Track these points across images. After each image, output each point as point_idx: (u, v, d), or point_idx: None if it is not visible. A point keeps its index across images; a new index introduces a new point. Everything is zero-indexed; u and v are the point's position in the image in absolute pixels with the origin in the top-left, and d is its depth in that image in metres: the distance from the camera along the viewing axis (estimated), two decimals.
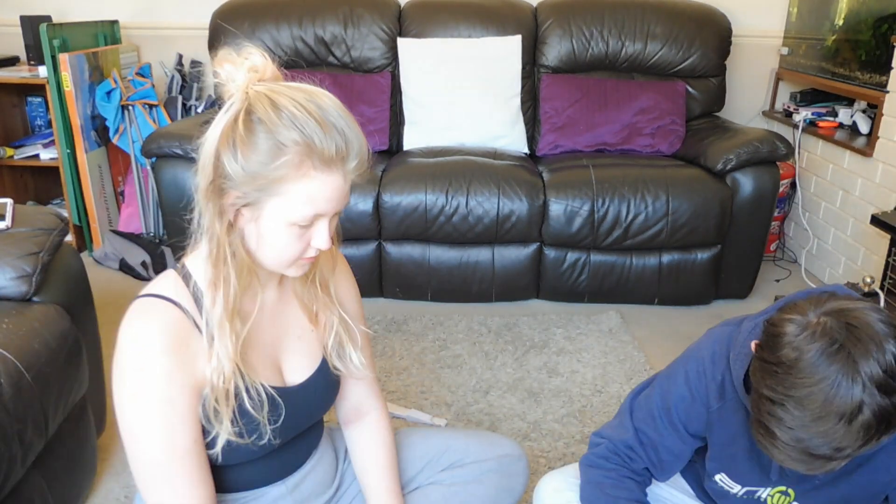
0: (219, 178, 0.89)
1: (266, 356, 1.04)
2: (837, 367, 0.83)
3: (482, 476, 1.22)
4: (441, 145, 2.93)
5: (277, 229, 0.90)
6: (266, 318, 1.04)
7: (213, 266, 0.93)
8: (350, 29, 3.07)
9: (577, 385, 2.16)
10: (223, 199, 0.90)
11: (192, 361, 0.92)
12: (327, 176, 0.88)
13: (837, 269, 2.88)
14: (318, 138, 0.86)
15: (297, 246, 0.92)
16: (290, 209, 0.89)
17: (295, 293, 1.09)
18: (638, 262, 2.64)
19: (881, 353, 0.83)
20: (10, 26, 3.22)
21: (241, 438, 0.96)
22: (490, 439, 1.29)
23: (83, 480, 1.59)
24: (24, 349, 1.31)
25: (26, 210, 1.62)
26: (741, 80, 3.35)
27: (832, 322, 0.86)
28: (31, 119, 3.35)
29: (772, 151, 2.57)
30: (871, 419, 0.83)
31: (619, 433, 1.19)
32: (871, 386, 0.82)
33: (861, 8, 2.77)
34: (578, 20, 3.07)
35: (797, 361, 0.86)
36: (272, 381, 1.02)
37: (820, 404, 0.84)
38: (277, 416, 1.00)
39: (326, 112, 0.87)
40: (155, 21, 3.37)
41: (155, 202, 3.06)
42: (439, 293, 2.71)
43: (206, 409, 0.93)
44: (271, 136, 0.85)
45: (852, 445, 0.85)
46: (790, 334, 0.87)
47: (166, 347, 0.90)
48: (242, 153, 0.86)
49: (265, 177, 0.86)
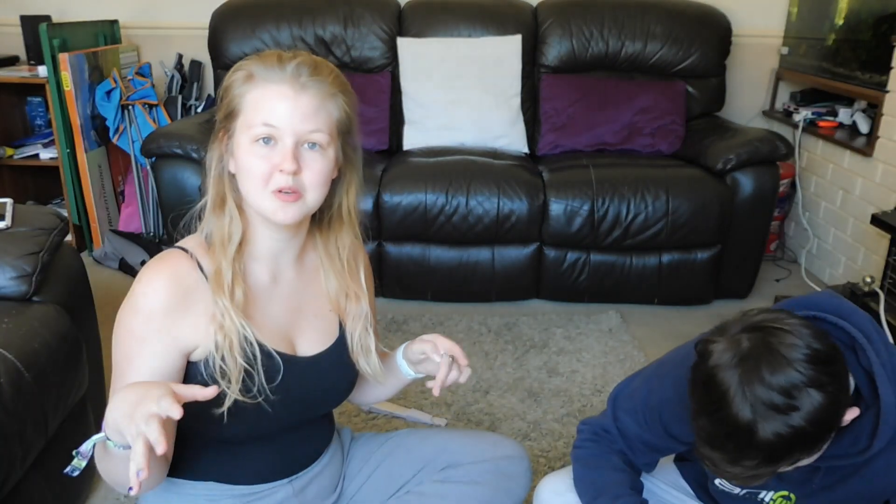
0: (216, 132, 1.02)
1: (277, 325, 1.06)
2: (735, 383, 0.86)
3: (479, 477, 1.20)
4: (441, 145, 2.93)
5: (244, 149, 0.97)
6: (282, 292, 1.08)
7: (212, 213, 1.02)
8: (350, 29, 3.07)
9: (577, 385, 2.16)
10: (218, 138, 1.02)
11: (184, 311, 0.97)
12: (273, 85, 0.96)
13: (837, 268, 2.88)
14: (270, 59, 0.97)
15: (262, 166, 0.96)
16: (249, 123, 0.96)
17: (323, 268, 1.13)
18: (638, 262, 2.64)
19: (780, 374, 0.84)
20: (10, 26, 3.22)
21: (245, 397, 0.97)
22: (490, 440, 1.28)
23: (83, 480, 1.59)
24: (24, 349, 1.31)
25: (26, 210, 1.62)
26: (741, 79, 3.35)
27: (749, 337, 0.88)
28: (30, 119, 3.35)
29: (772, 151, 2.57)
30: (767, 438, 0.84)
31: (599, 419, 1.22)
32: (760, 406, 0.84)
33: (861, 8, 2.77)
34: (578, 20, 3.06)
35: (710, 377, 0.89)
36: (280, 347, 1.04)
37: (720, 420, 0.87)
38: (275, 374, 1.02)
39: (284, 51, 1.00)
40: (155, 21, 3.37)
41: (155, 202, 3.06)
42: (439, 293, 2.71)
43: (212, 367, 0.96)
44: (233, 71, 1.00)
45: (760, 461, 0.87)
46: (714, 351, 0.90)
47: (161, 288, 0.96)
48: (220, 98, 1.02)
49: (227, 95, 0.99)
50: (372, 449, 1.26)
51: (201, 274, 1.00)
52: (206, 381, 0.97)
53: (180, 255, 1.01)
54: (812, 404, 0.84)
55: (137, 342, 0.96)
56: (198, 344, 0.98)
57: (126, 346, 0.96)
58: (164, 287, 0.96)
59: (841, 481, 1.01)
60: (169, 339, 0.96)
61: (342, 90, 1.01)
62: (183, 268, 0.99)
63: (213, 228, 1.02)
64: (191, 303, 0.98)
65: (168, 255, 1.01)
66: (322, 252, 1.13)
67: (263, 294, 1.05)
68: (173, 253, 1.02)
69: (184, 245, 1.03)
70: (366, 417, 1.95)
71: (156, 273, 0.98)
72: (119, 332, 0.98)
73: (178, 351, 0.97)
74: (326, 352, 1.10)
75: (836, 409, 0.86)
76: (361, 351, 1.13)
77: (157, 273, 0.98)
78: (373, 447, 1.26)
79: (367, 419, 1.95)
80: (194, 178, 2.58)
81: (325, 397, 1.13)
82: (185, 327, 0.97)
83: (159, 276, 0.97)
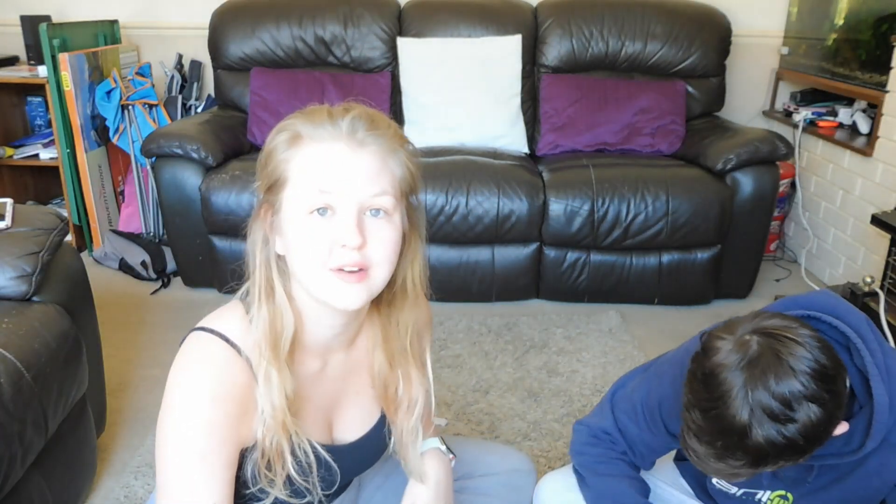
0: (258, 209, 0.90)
1: (317, 411, 0.97)
2: (739, 385, 0.86)
3: (489, 489, 1.20)
4: (441, 145, 2.93)
5: (296, 223, 0.84)
6: (329, 375, 0.97)
7: (257, 303, 0.88)
8: (350, 29, 3.07)
9: (576, 385, 2.16)
10: (260, 215, 0.89)
11: (242, 415, 0.86)
12: (326, 144, 0.83)
13: (837, 268, 2.88)
14: (317, 116, 0.86)
15: (319, 241, 0.83)
16: (299, 192, 0.84)
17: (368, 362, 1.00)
18: (638, 262, 2.64)
19: (784, 383, 0.85)
20: (10, 26, 3.22)
21: (292, 498, 0.90)
22: (501, 452, 1.27)
23: (83, 480, 1.59)
24: (24, 349, 1.31)
25: (26, 210, 1.62)
26: (741, 79, 3.35)
27: (759, 342, 0.88)
28: (30, 119, 3.35)
29: (772, 151, 2.57)
30: (758, 443, 0.85)
31: (597, 420, 1.21)
32: (759, 411, 0.85)
33: (861, 8, 2.77)
34: (578, 20, 3.06)
35: (713, 374, 0.89)
36: (321, 438, 0.96)
37: (715, 417, 0.87)
38: (332, 482, 0.95)
39: (335, 106, 0.88)
40: (155, 21, 3.37)
41: (155, 202, 3.06)
42: (439, 293, 2.68)
43: (255, 469, 0.88)
44: (275, 134, 0.87)
45: (745, 463, 0.88)
46: (721, 349, 0.90)
47: (216, 396, 0.83)
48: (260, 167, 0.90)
49: (270, 163, 0.86)
50: (385, 456, 1.25)
51: (250, 368, 0.87)
52: (245, 472, 0.89)
53: (223, 347, 0.86)
54: (809, 418, 0.85)
55: (198, 460, 0.83)
56: (251, 439, 0.88)
57: (182, 468, 0.83)
58: (217, 393, 0.84)
59: (836, 481, 1.02)
60: (232, 447, 0.85)
61: (402, 143, 0.88)
62: (231, 364, 0.86)
63: (260, 320, 0.87)
64: (246, 403, 0.86)
65: (209, 348, 0.86)
66: (379, 333, 1.00)
67: (309, 382, 0.94)
68: (214, 344, 0.86)
69: (221, 330, 0.87)
70: None
71: (203, 375, 0.84)
72: (168, 451, 0.83)
73: (237, 457, 0.87)
74: (366, 436, 1.01)
75: (829, 425, 0.88)
76: (411, 441, 1.02)
77: (204, 375, 0.84)
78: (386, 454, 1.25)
79: None
80: (194, 178, 2.58)
81: (360, 471, 1.09)
82: (244, 428, 0.87)
83: (207, 378, 0.84)
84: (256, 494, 0.91)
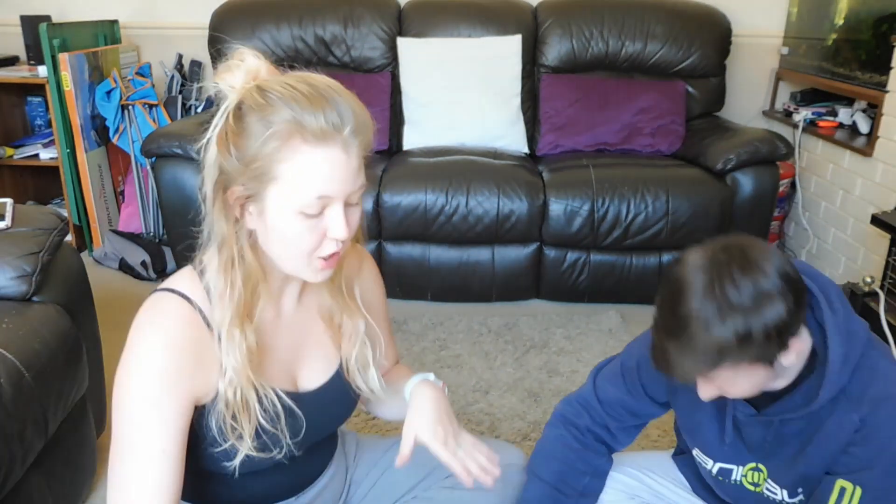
0: (220, 176, 0.87)
1: (280, 363, 1.00)
2: (705, 279, 0.90)
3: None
4: (441, 145, 2.93)
5: (285, 220, 0.85)
6: (283, 325, 1.01)
7: (222, 272, 0.90)
8: (350, 29, 3.07)
9: (576, 385, 2.16)
10: (226, 196, 0.88)
11: (197, 365, 0.89)
12: (322, 149, 0.83)
13: (837, 268, 2.88)
14: (307, 111, 0.81)
15: (310, 238, 0.86)
16: (292, 194, 0.84)
17: (318, 304, 1.05)
18: (638, 262, 2.64)
19: (749, 278, 0.88)
20: (10, 26, 3.22)
21: (262, 453, 0.93)
22: (494, 446, 1.27)
23: (83, 480, 1.59)
24: (24, 349, 1.31)
25: (26, 210, 1.62)
26: (741, 79, 3.35)
27: (726, 248, 0.92)
28: (30, 119, 3.35)
29: (772, 151, 2.57)
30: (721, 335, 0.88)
31: (578, 392, 1.30)
32: (724, 302, 0.87)
33: (861, 8, 2.77)
34: (578, 20, 3.07)
35: (679, 272, 0.93)
36: (285, 387, 0.99)
37: (680, 311, 0.91)
38: (298, 430, 0.97)
39: (316, 87, 0.84)
40: (155, 21, 3.37)
41: (155, 202, 3.06)
42: (439, 293, 2.71)
43: (221, 423, 0.91)
44: (260, 118, 0.83)
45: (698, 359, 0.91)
46: (688, 255, 0.95)
47: (170, 345, 0.87)
48: (235, 143, 0.84)
49: (258, 159, 0.83)
50: (378, 454, 1.25)
51: (205, 324, 0.91)
52: (211, 429, 0.92)
53: (179, 302, 0.91)
54: (772, 314, 0.87)
55: (150, 406, 0.86)
56: (208, 394, 0.91)
57: (135, 413, 0.87)
58: (171, 342, 0.87)
59: (801, 452, 1.03)
60: (184, 397, 0.88)
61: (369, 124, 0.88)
62: (186, 319, 0.90)
63: (219, 283, 0.91)
64: (201, 356, 0.89)
65: (165, 304, 0.91)
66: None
67: (268, 331, 0.97)
68: (171, 300, 0.91)
69: (180, 289, 0.92)
70: (365, 417, 1.95)
71: (158, 327, 0.88)
72: (123, 398, 0.87)
73: (191, 408, 0.90)
74: (329, 382, 1.05)
75: (788, 329, 0.89)
76: (358, 368, 1.06)
77: (159, 327, 0.88)
78: (379, 452, 1.25)
79: (366, 419, 1.95)
80: (194, 178, 2.58)
81: (330, 424, 1.11)
82: (198, 381, 0.90)
83: (162, 329, 0.88)
84: (228, 451, 0.93)
